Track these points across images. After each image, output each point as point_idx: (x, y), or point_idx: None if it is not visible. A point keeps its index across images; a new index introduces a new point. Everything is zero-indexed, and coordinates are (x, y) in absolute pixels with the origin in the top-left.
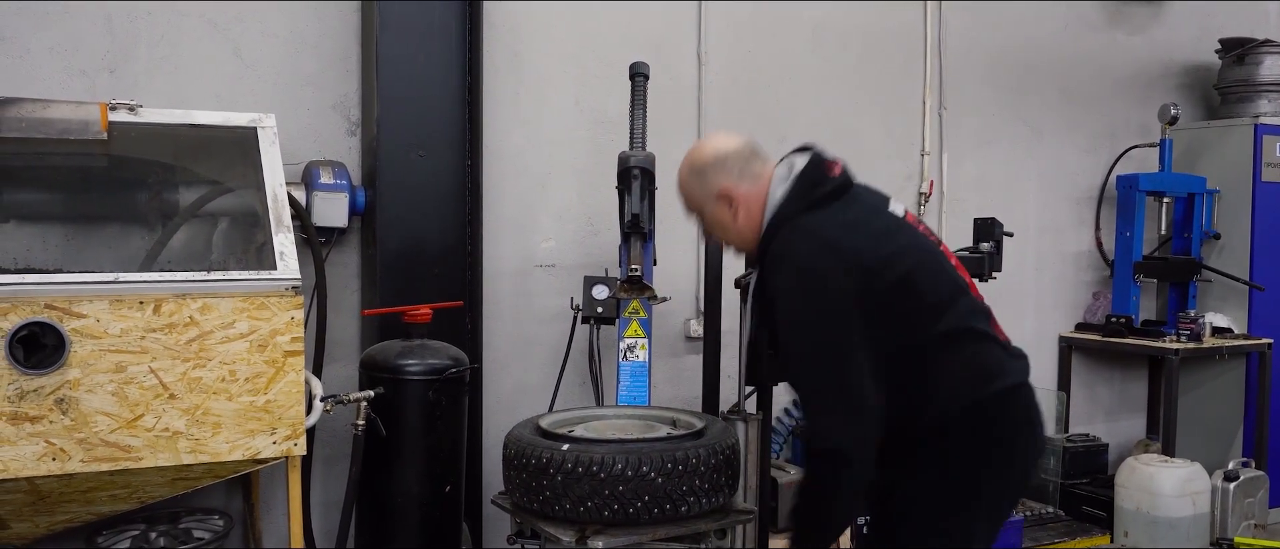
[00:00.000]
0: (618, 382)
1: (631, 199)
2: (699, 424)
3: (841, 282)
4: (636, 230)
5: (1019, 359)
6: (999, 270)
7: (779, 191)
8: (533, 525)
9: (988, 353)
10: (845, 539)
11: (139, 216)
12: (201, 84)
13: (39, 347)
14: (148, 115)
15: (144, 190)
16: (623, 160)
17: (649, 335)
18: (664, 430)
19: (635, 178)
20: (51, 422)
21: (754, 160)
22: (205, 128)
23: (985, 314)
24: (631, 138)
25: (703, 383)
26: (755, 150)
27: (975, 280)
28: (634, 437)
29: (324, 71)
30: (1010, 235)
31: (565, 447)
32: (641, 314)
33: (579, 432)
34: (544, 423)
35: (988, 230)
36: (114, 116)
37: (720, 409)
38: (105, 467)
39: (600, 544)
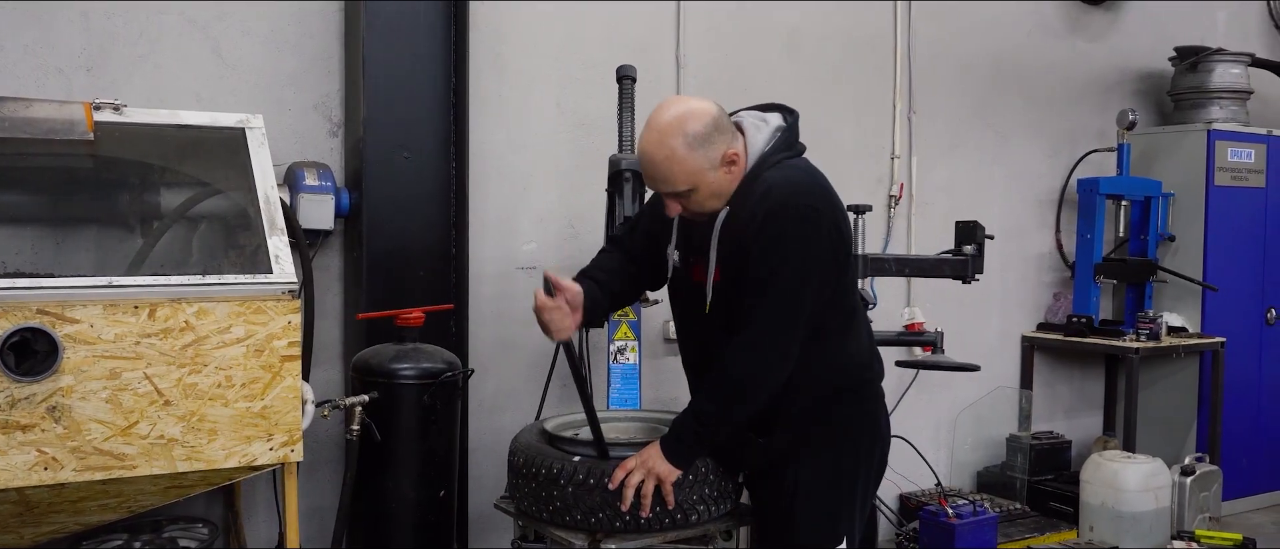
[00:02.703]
0: (608, 384)
1: (623, 202)
2: None
3: (833, 220)
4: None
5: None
6: (981, 273)
7: (760, 138)
8: (540, 531)
9: (872, 342)
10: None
11: (126, 219)
12: (181, 83)
13: (30, 353)
14: (133, 115)
15: (131, 192)
16: (613, 163)
17: (638, 338)
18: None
19: (627, 180)
20: (43, 430)
21: (727, 116)
22: (192, 128)
23: None
24: (620, 140)
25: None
26: (722, 107)
27: (959, 281)
28: (642, 442)
29: (305, 71)
30: (991, 238)
31: (576, 458)
32: (631, 316)
33: (585, 436)
34: (549, 428)
35: (970, 233)
36: (98, 116)
37: None
38: (98, 476)
39: (612, 546)
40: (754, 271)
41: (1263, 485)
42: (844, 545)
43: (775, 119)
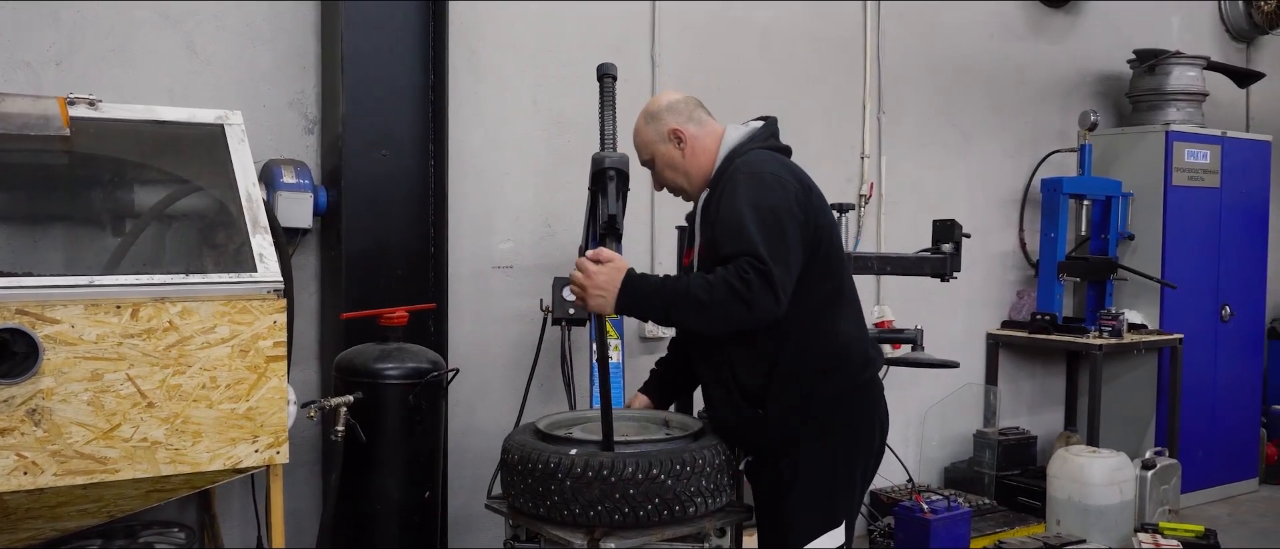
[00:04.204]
0: (591, 383)
1: (607, 200)
2: (695, 425)
3: (796, 193)
4: (613, 232)
5: (877, 349)
6: (959, 270)
7: (736, 134)
8: (536, 529)
9: (865, 329)
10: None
11: (105, 216)
12: (153, 78)
13: (9, 354)
14: (109, 111)
15: (109, 189)
16: (597, 162)
17: (621, 336)
18: (660, 431)
19: (611, 179)
20: (23, 434)
21: (699, 110)
22: (170, 125)
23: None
24: (602, 139)
25: None
26: (700, 103)
27: (938, 279)
28: (635, 438)
29: (280, 68)
30: (968, 236)
31: (573, 451)
32: (614, 315)
33: (578, 434)
34: (542, 426)
35: (948, 232)
36: (74, 112)
37: (695, 409)
38: (80, 480)
39: (613, 545)
40: (724, 228)
41: (1217, 478)
42: (841, 529)
43: (756, 123)
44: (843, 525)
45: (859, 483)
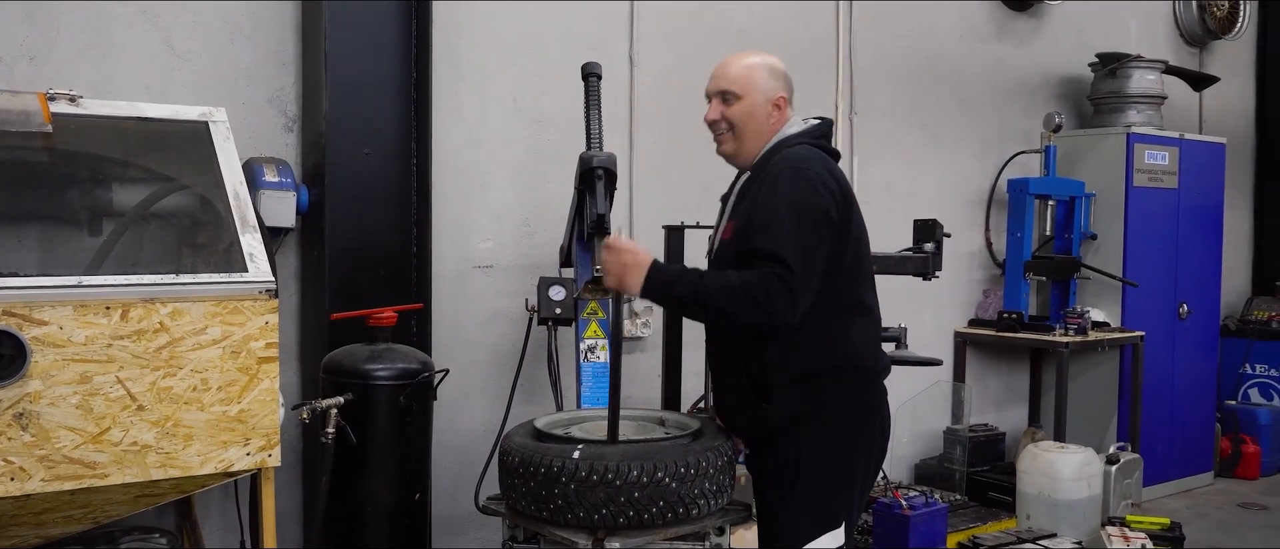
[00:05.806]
0: (578, 383)
1: (595, 200)
2: (694, 425)
3: (835, 197)
4: (601, 231)
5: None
6: (940, 270)
7: (795, 127)
8: (536, 530)
9: (879, 340)
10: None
11: (90, 215)
12: (130, 74)
13: None
14: (90, 107)
15: (94, 187)
16: (584, 161)
17: (609, 336)
18: (658, 431)
19: (599, 178)
20: (10, 438)
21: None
22: (153, 121)
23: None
24: (588, 138)
25: (663, 382)
26: None
27: (920, 278)
28: (636, 439)
29: (259, 64)
30: (948, 236)
31: (576, 454)
32: (601, 315)
33: (576, 434)
34: (540, 426)
35: (929, 231)
36: (54, 108)
37: (682, 407)
38: (68, 485)
39: (617, 545)
40: (760, 220)
41: (1175, 472)
42: (841, 530)
43: (813, 120)
44: (842, 526)
45: (859, 485)
